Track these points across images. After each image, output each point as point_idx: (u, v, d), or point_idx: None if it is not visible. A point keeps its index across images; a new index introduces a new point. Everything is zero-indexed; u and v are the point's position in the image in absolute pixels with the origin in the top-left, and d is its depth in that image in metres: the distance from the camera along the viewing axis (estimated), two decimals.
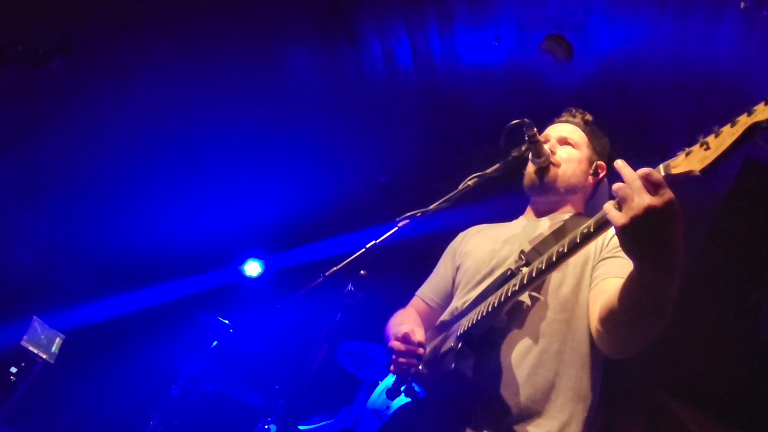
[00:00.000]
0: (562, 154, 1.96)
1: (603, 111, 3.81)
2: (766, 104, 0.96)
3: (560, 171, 1.93)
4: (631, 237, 1.15)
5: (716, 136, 1.03)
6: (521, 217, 2.07)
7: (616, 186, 1.14)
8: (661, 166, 1.12)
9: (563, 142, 2.00)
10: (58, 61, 3.44)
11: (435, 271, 2.12)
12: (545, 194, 1.95)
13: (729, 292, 3.88)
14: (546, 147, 1.93)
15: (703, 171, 1.03)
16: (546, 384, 1.57)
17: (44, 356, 4.36)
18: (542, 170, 1.93)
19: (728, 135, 1.00)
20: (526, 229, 1.91)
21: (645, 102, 3.78)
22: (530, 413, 1.54)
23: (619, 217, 1.13)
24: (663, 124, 3.84)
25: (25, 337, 4.25)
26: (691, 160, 1.05)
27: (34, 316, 4.39)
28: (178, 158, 4.72)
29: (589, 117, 2.12)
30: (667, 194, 1.09)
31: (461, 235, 2.15)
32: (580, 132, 2.04)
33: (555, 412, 1.55)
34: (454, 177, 1.90)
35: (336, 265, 1.86)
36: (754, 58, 3.11)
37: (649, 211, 1.09)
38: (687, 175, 1.05)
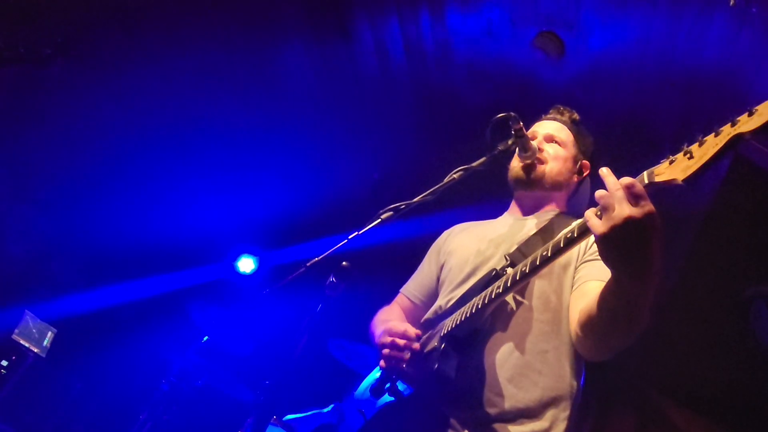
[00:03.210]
0: (549, 151, 1.96)
1: (594, 108, 3.83)
2: (749, 115, 0.96)
3: (547, 168, 1.93)
4: (610, 246, 1.15)
5: (700, 145, 1.02)
6: (506, 214, 2.06)
7: (598, 194, 1.14)
8: (644, 174, 1.11)
9: (550, 139, 2.00)
10: (57, 62, 3.46)
11: (419, 268, 2.11)
12: (531, 189, 1.95)
13: (719, 290, 3.89)
14: (533, 143, 1.93)
15: (686, 181, 1.03)
16: (530, 385, 1.56)
17: (36, 350, 4.36)
18: (529, 166, 1.93)
19: (711, 145, 1.00)
20: (513, 228, 1.90)
21: (636, 99, 3.78)
22: (514, 414, 1.53)
23: (599, 226, 1.13)
24: (653, 121, 3.85)
25: (16, 330, 4.25)
26: (674, 169, 1.05)
27: (26, 310, 4.39)
28: (170, 152, 4.72)
29: (576, 116, 2.12)
30: (648, 206, 1.09)
31: (446, 233, 2.14)
32: (567, 130, 2.04)
33: (540, 413, 1.54)
34: (447, 173, 1.89)
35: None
36: (744, 54, 3.11)
37: (629, 221, 1.08)
38: (669, 184, 1.05)
